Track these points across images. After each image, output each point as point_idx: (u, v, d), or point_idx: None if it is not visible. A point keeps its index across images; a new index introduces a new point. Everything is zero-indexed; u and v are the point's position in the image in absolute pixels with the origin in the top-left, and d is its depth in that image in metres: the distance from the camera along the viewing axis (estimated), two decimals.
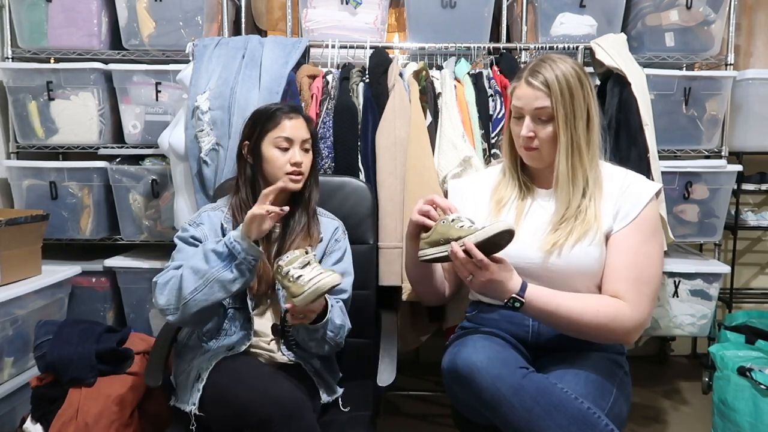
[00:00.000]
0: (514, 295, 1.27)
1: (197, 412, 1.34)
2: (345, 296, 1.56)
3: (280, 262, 1.35)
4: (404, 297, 1.83)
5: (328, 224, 1.63)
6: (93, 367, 1.75)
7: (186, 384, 1.41)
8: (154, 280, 1.42)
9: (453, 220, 1.32)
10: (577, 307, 1.29)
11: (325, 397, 1.48)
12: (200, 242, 1.47)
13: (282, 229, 1.56)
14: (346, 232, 1.65)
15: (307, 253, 1.36)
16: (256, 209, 1.35)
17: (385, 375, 1.43)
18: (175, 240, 1.51)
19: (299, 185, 1.53)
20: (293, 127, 1.52)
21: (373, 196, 1.82)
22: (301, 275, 1.30)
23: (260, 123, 1.54)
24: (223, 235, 1.49)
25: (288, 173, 1.51)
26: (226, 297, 1.38)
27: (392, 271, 1.84)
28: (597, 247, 1.34)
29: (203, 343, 1.48)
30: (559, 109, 1.33)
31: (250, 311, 1.49)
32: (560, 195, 1.38)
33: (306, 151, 1.54)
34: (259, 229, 1.36)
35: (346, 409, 1.48)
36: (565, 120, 1.34)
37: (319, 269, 1.32)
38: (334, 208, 1.71)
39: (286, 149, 1.51)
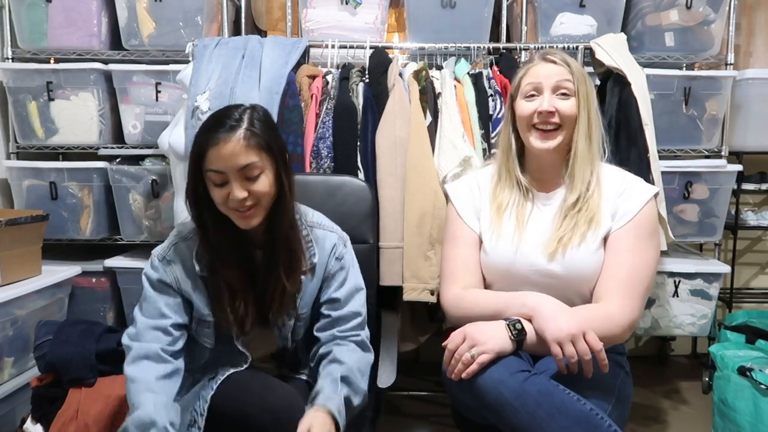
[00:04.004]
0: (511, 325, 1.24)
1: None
2: (359, 320, 1.39)
3: None
4: (405, 297, 1.83)
5: (324, 240, 1.39)
6: (93, 367, 1.75)
7: (185, 412, 1.28)
8: (124, 343, 1.28)
9: None
10: None
11: None
12: (170, 288, 1.30)
13: (264, 265, 1.32)
14: (347, 242, 1.44)
15: None
16: None
17: (385, 376, 1.42)
18: (143, 278, 1.32)
19: (255, 220, 1.25)
20: (220, 157, 1.19)
21: (373, 195, 1.81)
22: None
23: (193, 154, 1.24)
24: (196, 274, 1.30)
25: (233, 208, 1.23)
26: None
27: (393, 272, 1.84)
28: (598, 249, 1.34)
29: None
30: (581, 87, 1.34)
31: (239, 347, 1.35)
32: (577, 175, 1.35)
33: (251, 178, 1.22)
34: None
35: None
36: (586, 98, 1.34)
37: None
38: (334, 207, 1.65)
39: (221, 184, 1.22)
